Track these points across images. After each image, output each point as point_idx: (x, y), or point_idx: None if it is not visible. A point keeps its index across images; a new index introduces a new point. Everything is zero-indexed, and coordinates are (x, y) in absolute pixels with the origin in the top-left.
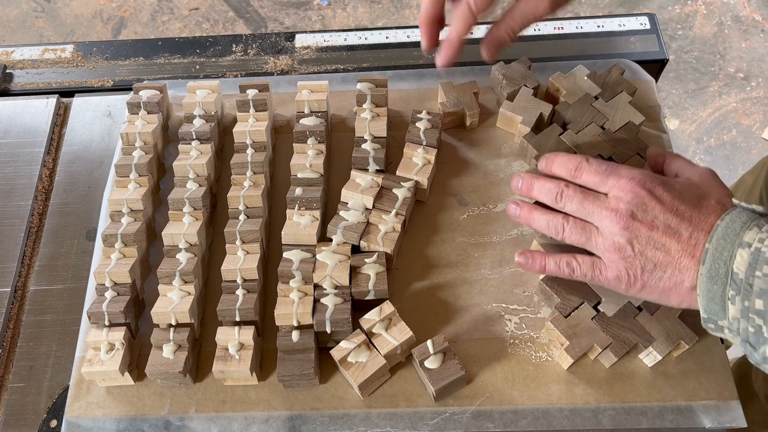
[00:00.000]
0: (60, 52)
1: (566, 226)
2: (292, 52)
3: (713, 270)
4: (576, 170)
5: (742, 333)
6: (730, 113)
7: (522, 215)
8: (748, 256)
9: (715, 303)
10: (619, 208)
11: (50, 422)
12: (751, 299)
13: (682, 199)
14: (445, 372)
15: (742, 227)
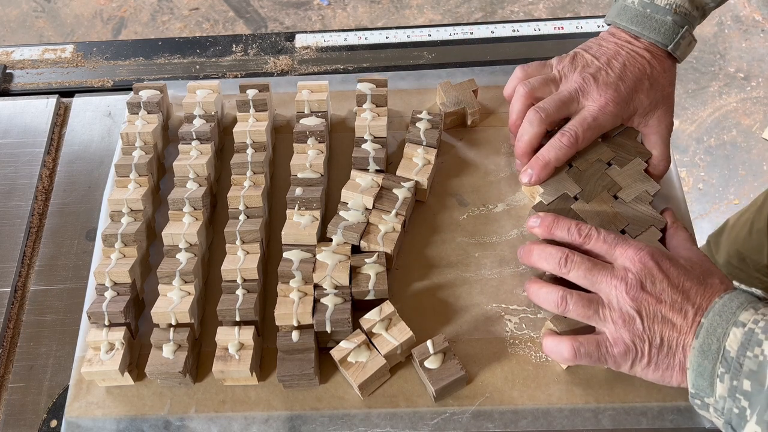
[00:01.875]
0: (60, 52)
1: (569, 299)
2: (292, 52)
3: (705, 345)
4: (584, 237)
5: (726, 413)
6: (730, 113)
7: (527, 288)
8: (742, 336)
9: (704, 378)
10: (628, 278)
11: (50, 422)
12: (740, 379)
13: (688, 275)
14: (445, 372)
15: (738, 307)
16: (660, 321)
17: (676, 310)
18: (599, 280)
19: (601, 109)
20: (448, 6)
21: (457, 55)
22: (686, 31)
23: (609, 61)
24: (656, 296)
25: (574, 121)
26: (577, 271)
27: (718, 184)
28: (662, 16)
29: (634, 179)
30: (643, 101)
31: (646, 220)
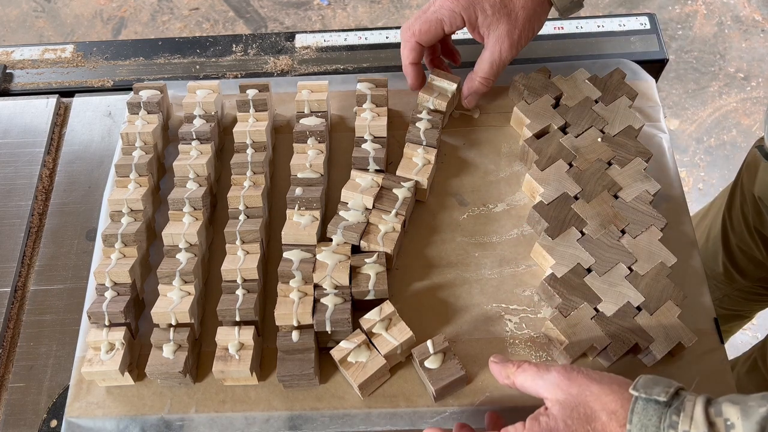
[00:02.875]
0: (60, 52)
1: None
2: (292, 52)
3: None
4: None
5: None
6: (730, 113)
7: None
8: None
9: None
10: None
11: (50, 422)
12: None
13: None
14: (445, 372)
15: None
16: None
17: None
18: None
19: (439, 6)
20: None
21: None
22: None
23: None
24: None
25: (413, 17)
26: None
27: (718, 184)
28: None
29: (634, 179)
30: (487, 10)
31: (646, 220)
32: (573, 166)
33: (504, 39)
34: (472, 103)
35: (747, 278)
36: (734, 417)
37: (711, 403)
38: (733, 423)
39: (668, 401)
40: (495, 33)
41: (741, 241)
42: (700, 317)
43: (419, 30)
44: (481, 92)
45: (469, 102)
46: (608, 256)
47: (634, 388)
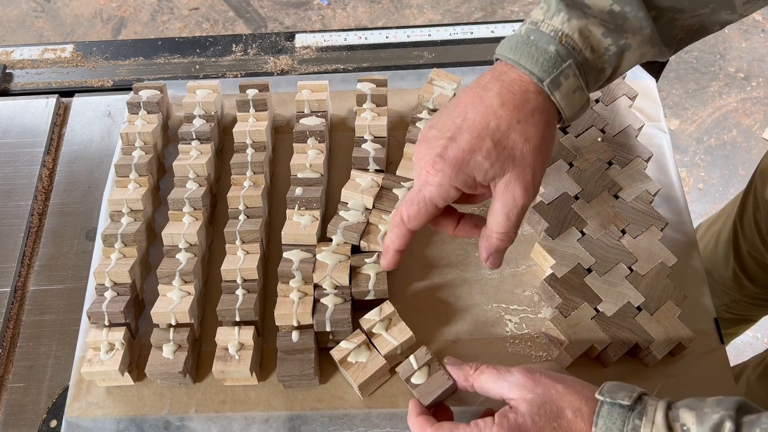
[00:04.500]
0: (60, 52)
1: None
2: (292, 52)
3: None
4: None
5: None
6: (731, 113)
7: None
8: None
9: None
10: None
11: (50, 422)
12: None
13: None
14: (433, 385)
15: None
16: None
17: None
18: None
19: (423, 181)
20: (448, 6)
21: (457, 55)
22: (569, 67)
23: (452, 113)
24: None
25: (403, 199)
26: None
27: (718, 184)
28: (545, 44)
29: (634, 179)
30: (482, 165)
31: (646, 220)
32: (573, 166)
33: (515, 185)
34: (498, 264)
35: (756, 284)
36: (690, 422)
37: (671, 407)
38: (688, 428)
39: (631, 405)
40: (502, 181)
41: (752, 247)
42: (700, 317)
43: (408, 216)
44: (503, 249)
45: (493, 263)
46: (608, 256)
47: (600, 393)
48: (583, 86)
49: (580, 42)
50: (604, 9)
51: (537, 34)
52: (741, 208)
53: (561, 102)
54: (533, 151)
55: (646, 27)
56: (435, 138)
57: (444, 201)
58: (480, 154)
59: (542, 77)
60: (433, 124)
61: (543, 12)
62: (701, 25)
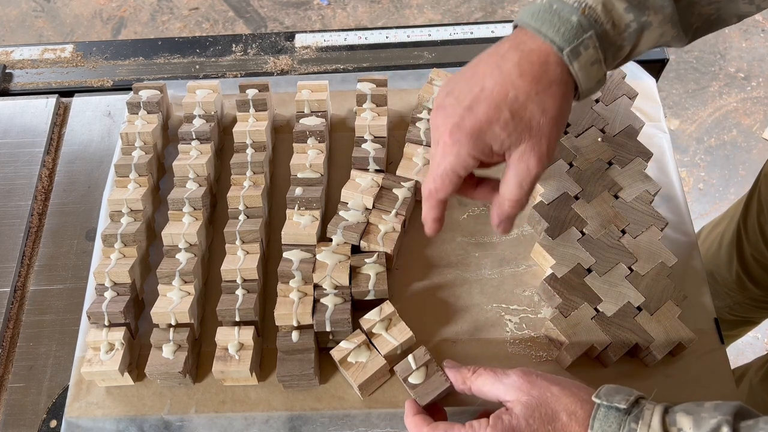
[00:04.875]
0: (60, 51)
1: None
2: (292, 52)
3: None
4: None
5: None
6: (731, 113)
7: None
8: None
9: None
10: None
11: (50, 422)
12: None
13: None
14: (430, 386)
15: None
16: None
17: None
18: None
19: (442, 152)
20: (448, 6)
21: (457, 55)
22: (589, 38)
23: (469, 82)
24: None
25: (427, 172)
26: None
27: (718, 184)
28: (567, 14)
29: (634, 179)
30: (499, 135)
31: (646, 220)
32: (573, 166)
33: (530, 155)
34: (508, 230)
35: (759, 287)
36: (687, 426)
37: (668, 411)
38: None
39: (628, 409)
40: (517, 151)
41: (756, 250)
42: (700, 317)
43: (435, 188)
44: (514, 215)
45: (504, 230)
46: (608, 256)
47: (596, 396)
48: (601, 59)
49: (603, 15)
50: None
51: (560, 4)
52: (745, 211)
53: (579, 73)
54: (549, 122)
55: (667, 6)
56: (452, 106)
57: (465, 170)
58: (497, 124)
59: (562, 46)
60: (450, 91)
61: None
62: (719, 15)
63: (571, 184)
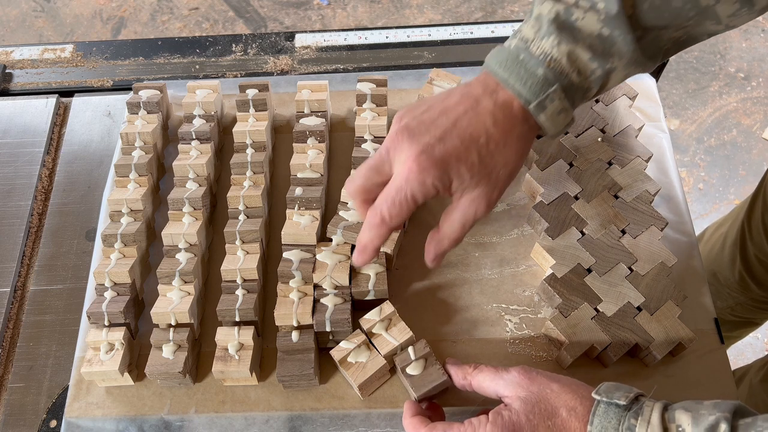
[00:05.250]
0: (60, 51)
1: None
2: (292, 51)
3: None
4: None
5: None
6: (731, 113)
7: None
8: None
9: None
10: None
11: (50, 422)
12: None
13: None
14: (427, 378)
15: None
16: None
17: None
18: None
19: (405, 177)
20: (448, 6)
21: (457, 55)
22: (555, 91)
23: (441, 114)
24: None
25: (382, 194)
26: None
27: (718, 184)
28: (533, 67)
29: (634, 179)
30: (463, 175)
31: (646, 220)
32: (573, 166)
33: (481, 200)
34: (439, 264)
35: (762, 288)
36: (685, 423)
37: (667, 408)
38: (684, 429)
39: (628, 405)
40: (471, 195)
41: (760, 250)
42: (700, 317)
43: (389, 215)
44: (448, 251)
45: (437, 264)
46: (608, 256)
47: (596, 393)
48: (567, 107)
49: (568, 66)
50: (593, 32)
51: (526, 54)
52: (749, 211)
53: (545, 123)
54: (507, 174)
55: (632, 50)
56: (420, 132)
57: (424, 198)
58: (465, 164)
59: (529, 99)
60: (416, 116)
61: (534, 31)
62: (688, 35)
63: (571, 184)
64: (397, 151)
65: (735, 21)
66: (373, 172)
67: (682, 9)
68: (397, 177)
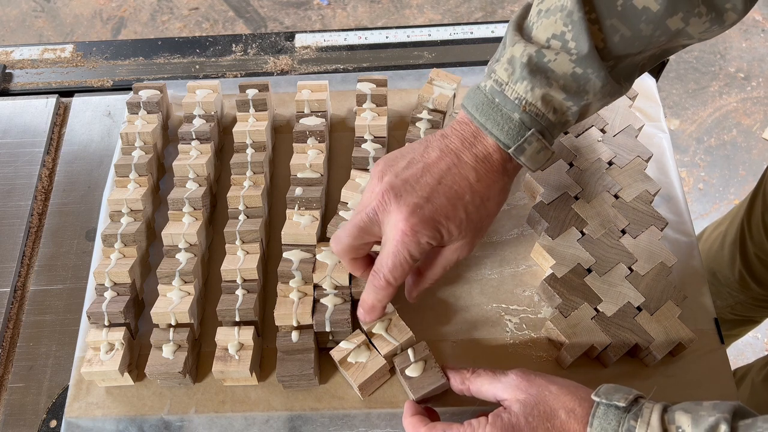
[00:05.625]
0: (60, 51)
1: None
2: (292, 51)
3: None
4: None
5: None
6: (731, 113)
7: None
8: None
9: None
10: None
11: (50, 422)
12: None
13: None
14: (426, 380)
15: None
16: None
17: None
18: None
19: (400, 240)
20: (448, 6)
21: (457, 55)
22: (532, 134)
23: (425, 171)
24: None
25: (380, 258)
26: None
27: (718, 184)
28: (509, 111)
29: (634, 179)
30: (453, 231)
31: (646, 220)
32: (573, 166)
33: (464, 248)
34: (417, 300)
35: (762, 286)
36: (685, 425)
37: (667, 410)
38: (683, 430)
39: (627, 407)
40: (456, 244)
41: (760, 249)
42: (700, 317)
43: (393, 278)
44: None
45: (415, 300)
46: (608, 256)
47: (596, 395)
48: (546, 146)
49: (543, 107)
50: (566, 72)
51: (502, 98)
52: (749, 210)
53: (526, 162)
54: (490, 223)
55: (606, 84)
56: (407, 192)
57: (420, 255)
58: (453, 222)
59: (508, 144)
60: (398, 173)
61: (508, 75)
62: (663, 50)
63: (571, 184)
64: (385, 213)
65: (706, 36)
66: (361, 233)
67: (652, 36)
68: (391, 240)
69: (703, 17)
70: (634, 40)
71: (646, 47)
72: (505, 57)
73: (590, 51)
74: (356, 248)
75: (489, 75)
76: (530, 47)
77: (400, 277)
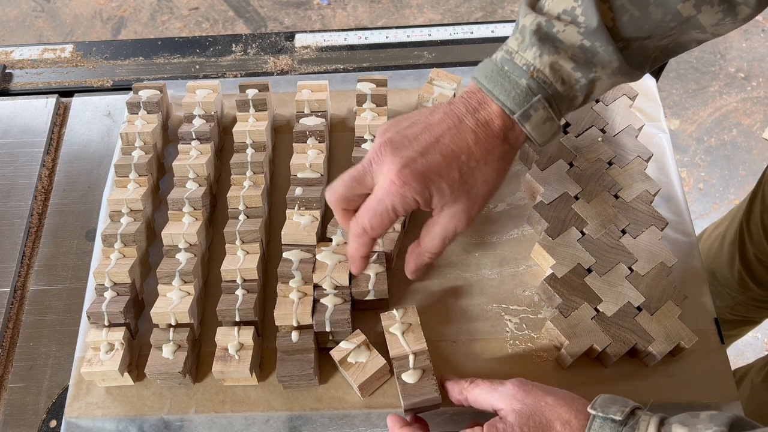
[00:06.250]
0: (59, 51)
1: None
2: (292, 51)
3: None
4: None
5: None
6: (731, 113)
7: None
8: None
9: None
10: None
11: (50, 422)
12: None
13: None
14: (419, 389)
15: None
16: None
17: None
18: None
19: (386, 189)
20: (448, 6)
21: (457, 55)
22: (538, 101)
23: (425, 130)
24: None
25: (364, 205)
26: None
27: (718, 184)
28: (517, 77)
29: (634, 179)
30: (444, 190)
31: (646, 220)
32: (573, 166)
33: (461, 216)
34: (418, 276)
35: (761, 287)
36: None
37: (663, 423)
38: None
39: (623, 420)
40: (450, 210)
41: (759, 250)
42: (700, 317)
43: (370, 226)
44: (429, 264)
45: (415, 276)
46: (608, 256)
47: (592, 407)
48: (553, 116)
49: (551, 76)
50: (575, 44)
51: (511, 65)
52: (748, 210)
53: (532, 132)
54: (487, 191)
55: (615, 60)
56: (403, 146)
57: (405, 211)
58: (445, 180)
59: (513, 110)
60: (399, 130)
61: (518, 43)
62: (676, 43)
63: (571, 184)
64: (379, 163)
65: (720, 30)
66: (355, 182)
67: (662, 20)
68: (379, 189)
69: (715, 6)
70: (643, 23)
71: (656, 32)
72: (518, 28)
73: (599, 25)
74: (348, 199)
75: (501, 47)
76: (540, 17)
77: (377, 226)
